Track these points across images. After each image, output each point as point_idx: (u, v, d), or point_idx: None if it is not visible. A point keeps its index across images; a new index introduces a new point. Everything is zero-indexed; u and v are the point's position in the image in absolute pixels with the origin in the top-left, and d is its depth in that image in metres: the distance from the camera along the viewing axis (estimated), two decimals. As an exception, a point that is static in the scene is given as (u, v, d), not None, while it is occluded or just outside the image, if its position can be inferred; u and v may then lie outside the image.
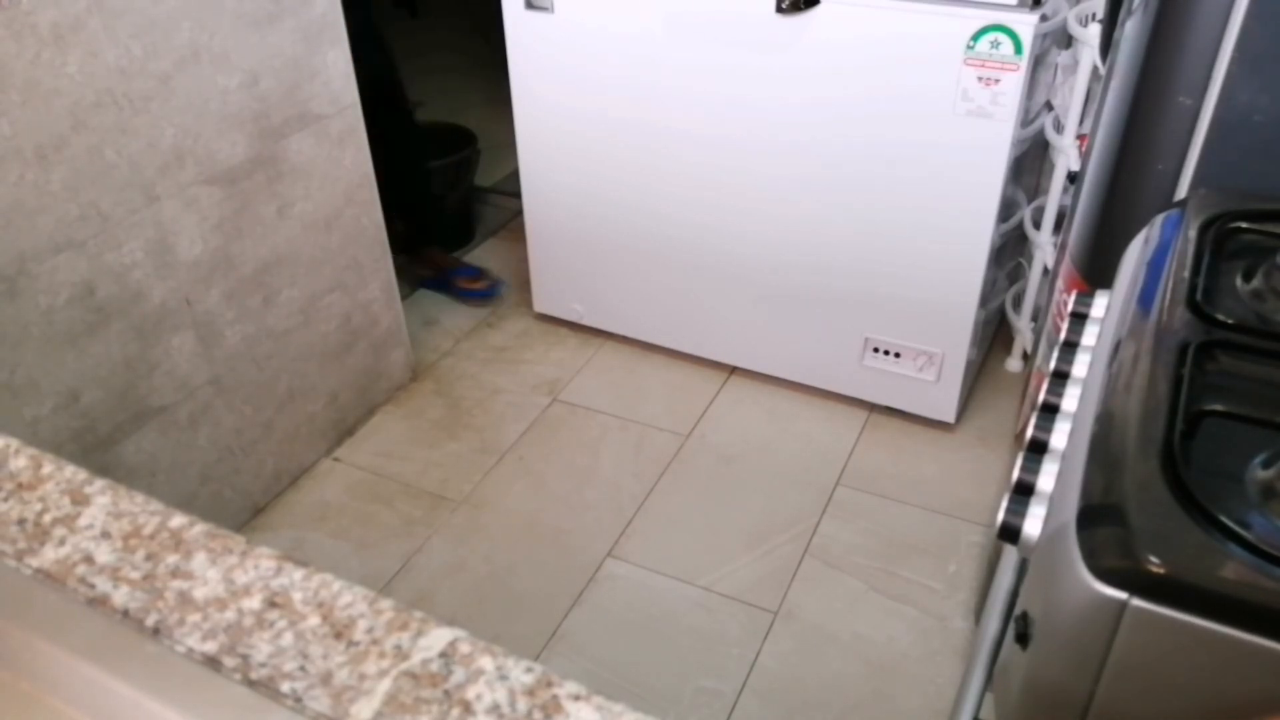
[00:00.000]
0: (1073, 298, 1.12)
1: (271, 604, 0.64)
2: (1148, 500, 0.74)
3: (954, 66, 1.77)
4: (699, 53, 2.00)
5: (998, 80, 1.75)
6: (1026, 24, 1.69)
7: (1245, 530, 0.71)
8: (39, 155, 1.47)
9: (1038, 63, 1.80)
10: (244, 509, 2.02)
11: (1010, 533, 0.86)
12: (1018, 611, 0.88)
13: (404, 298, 2.46)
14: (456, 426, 2.28)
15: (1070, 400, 0.96)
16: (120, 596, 0.65)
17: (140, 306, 1.68)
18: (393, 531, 2.01)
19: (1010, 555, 1.10)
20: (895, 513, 2.03)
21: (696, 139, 2.10)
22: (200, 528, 0.70)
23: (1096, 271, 1.32)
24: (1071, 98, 1.91)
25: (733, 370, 2.42)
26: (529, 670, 0.59)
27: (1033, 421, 0.95)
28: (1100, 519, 0.75)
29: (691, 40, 1.99)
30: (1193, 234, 1.03)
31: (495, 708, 0.57)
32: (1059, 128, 1.99)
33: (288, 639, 0.62)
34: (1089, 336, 1.05)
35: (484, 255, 2.93)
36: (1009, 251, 2.22)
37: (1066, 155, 1.97)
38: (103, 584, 0.66)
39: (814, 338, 2.23)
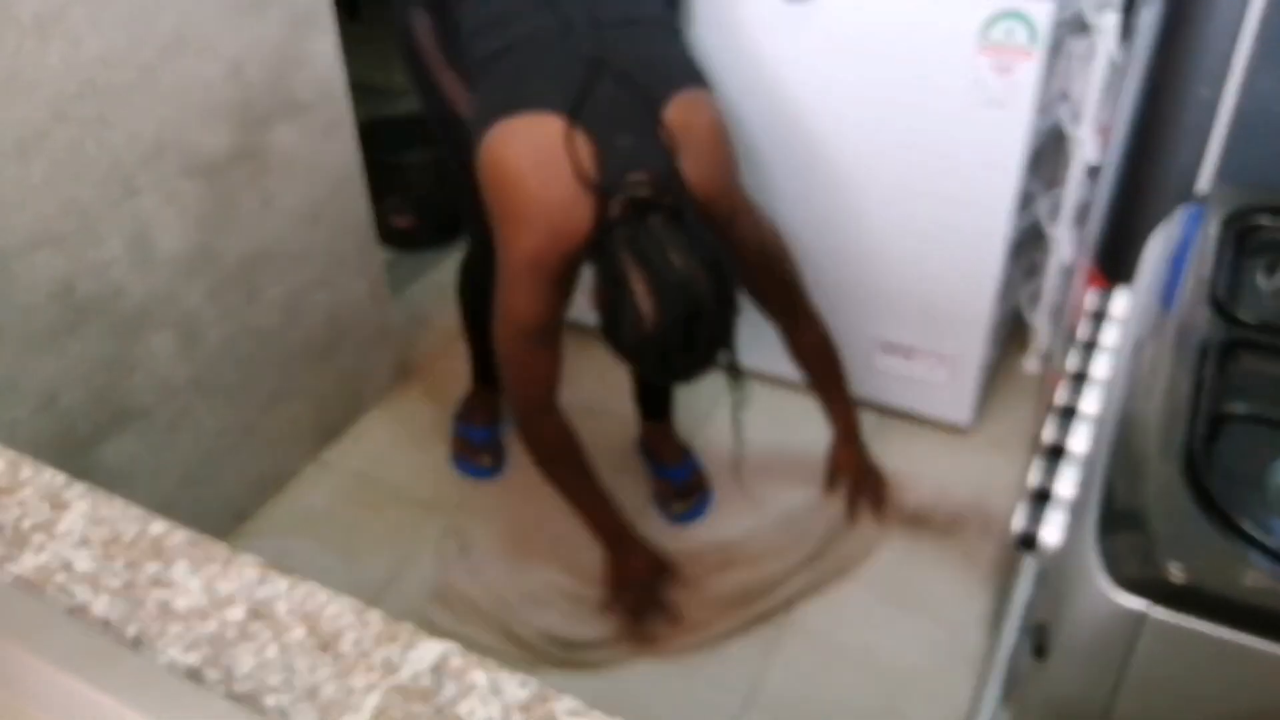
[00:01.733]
0: (1092, 295, 1.12)
1: (255, 615, 0.64)
2: (1169, 506, 0.74)
3: (967, 55, 1.75)
4: (703, 43, 1.98)
5: (1013, 69, 1.74)
6: (1042, 10, 1.67)
7: (1267, 537, 0.71)
8: (19, 149, 1.45)
9: (1054, 51, 1.78)
10: (227, 515, 2.00)
11: (1027, 541, 0.87)
12: (1034, 622, 0.88)
13: (393, 295, 2.43)
14: (448, 429, 2.25)
15: (1090, 403, 0.96)
16: (100, 605, 0.65)
17: (120, 304, 1.66)
18: (382, 540, 1.99)
19: (1027, 564, 1.10)
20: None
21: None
22: (182, 535, 0.70)
23: (1116, 267, 1.32)
24: (1089, 88, 1.90)
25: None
26: (524, 685, 0.59)
27: (1051, 425, 0.94)
28: (1121, 526, 0.76)
29: (695, 31, 1.97)
30: (1214, 230, 1.03)
31: (489, 724, 0.57)
32: (1076, 118, 1.97)
33: (272, 651, 0.62)
34: (1109, 336, 1.05)
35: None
36: (1025, 247, 2.20)
37: (1084, 147, 1.95)
38: (83, 593, 0.66)
39: (822, 337, 2.21)
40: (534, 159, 1.45)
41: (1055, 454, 0.92)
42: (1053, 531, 0.85)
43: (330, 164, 2.00)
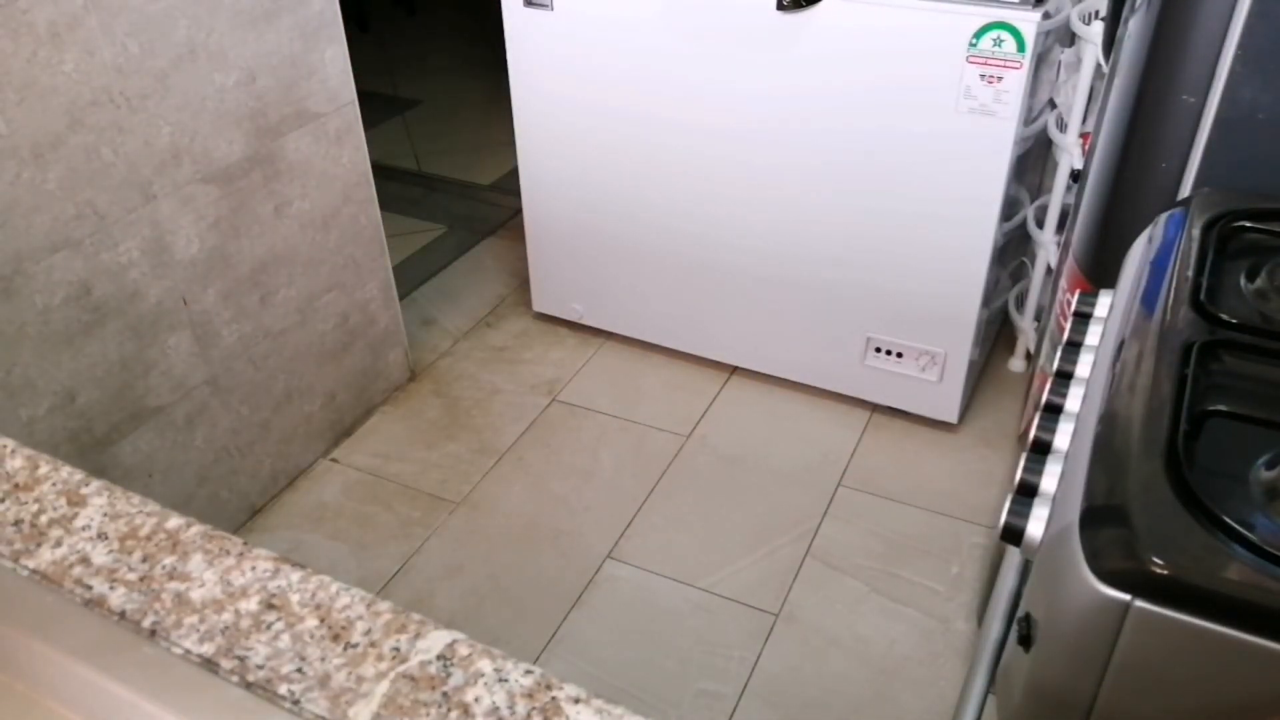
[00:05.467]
0: (1076, 297, 1.12)
1: (269, 606, 0.64)
2: (1151, 501, 0.74)
3: (956, 64, 1.77)
4: (699, 51, 1.99)
5: (1000, 78, 1.75)
6: (1029, 21, 1.69)
7: (1249, 531, 0.71)
8: (35, 154, 1.47)
9: (1040, 60, 1.79)
10: (241, 510, 2.02)
11: (1013, 534, 0.86)
12: (1020, 613, 0.88)
13: (401, 297, 2.45)
14: (455, 427, 2.27)
15: (1073, 400, 0.96)
16: (117, 598, 0.65)
17: (137, 306, 1.68)
18: (391, 533, 2.01)
19: (1013, 557, 1.10)
20: (897, 514, 2.02)
21: (697, 138, 2.10)
22: (197, 529, 0.70)
23: (1100, 271, 1.32)
24: (1074, 96, 1.91)
25: (733, 370, 2.42)
26: (528, 673, 0.59)
27: (1035, 422, 0.94)
28: (1103, 520, 0.75)
29: (691, 39, 1.99)
30: (1196, 233, 1.03)
31: (494, 710, 0.57)
32: (1062, 126, 1.99)
33: (285, 641, 0.62)
34: (1092, 336, 1.04)
35: (483, 254, 2.92)
36: (1012, 251, 2.22)
37: (1069, 154, 1.97)
38: (99, 585, 0.66)
39: (815, 337, 2.23)
40: None
41: (1040, 450, 0.91)
42: (1037, 525, 0.84)
43: (341, 171, 2.02)
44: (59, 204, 1.52)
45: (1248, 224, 1.04)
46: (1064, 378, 0.99)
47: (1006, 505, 0.87)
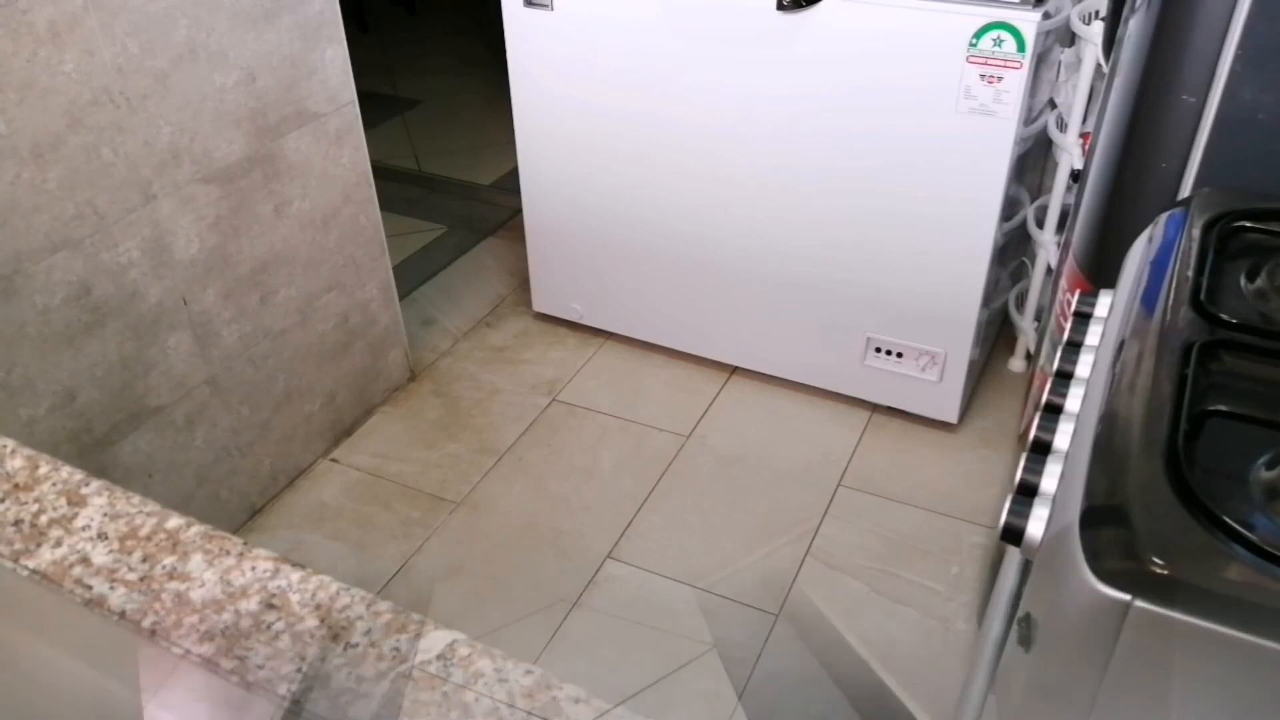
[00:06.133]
0: (1076, 297, 1.12)
1: (269, 606, 0.64)
2: (1151, 501, 0.74)
3: (956, 64, 1.77)
4: (699, 51, 1.99)
5: (1000, 78, 1.75)
6: (1029, 21, 1.69)
7: (1249, 531, 0.71)
8: (35, 154, 1.47)
9: (1040, 60, 1.79)
10: (241, 510, 2.02)
11: (1013, 534, 0.86)
12: (1021, 613, 0.88)
13: (401, 297, 2.45)
14: (455, 427, 2.27)
15: (1073, 400, 0.96)
16: (117, 598, 0.65)
17: (137, 306, 1.68)
18: (391, 533, 2.01)
19: (1013, 557, 1.10)
20: (897, 514, 2.02)
21: (697, 138, 2.10)
22: (197, 529, 0.70)
23: (1100, 271, 1.32)
24: (1074, 96, 1.91)
25: (734, 370, 2.42)
26: (528, 673, 0.59)
27: (1036, 422, 0.94)
28: (1104, 520, 0.75)
29: (692, 39, 1.99)
30: (1196, 233, 1.03)
31: (494, 710, 0.57)
32: (1062, 126, 1.99)
33: (285, 641, 0.62)
34: (1092, 336, 1.04)
35: (483, 254, 2.92)
36: (1012, 250, 2.22)
37: (1069, 154, 1.97)
38: (99, 585, 0.66)
39: (816, 337, 2.23)
40: None
41: (1040, 450, 0.91)
42: (1038, 525, 0.84)
43: (341, 171, 2.02)
44: (59, 204, 1.52)
45: (1248, 224, 1.04)
46: (1064, 378, 0.99)
47: (1006, 505, 0.87)
